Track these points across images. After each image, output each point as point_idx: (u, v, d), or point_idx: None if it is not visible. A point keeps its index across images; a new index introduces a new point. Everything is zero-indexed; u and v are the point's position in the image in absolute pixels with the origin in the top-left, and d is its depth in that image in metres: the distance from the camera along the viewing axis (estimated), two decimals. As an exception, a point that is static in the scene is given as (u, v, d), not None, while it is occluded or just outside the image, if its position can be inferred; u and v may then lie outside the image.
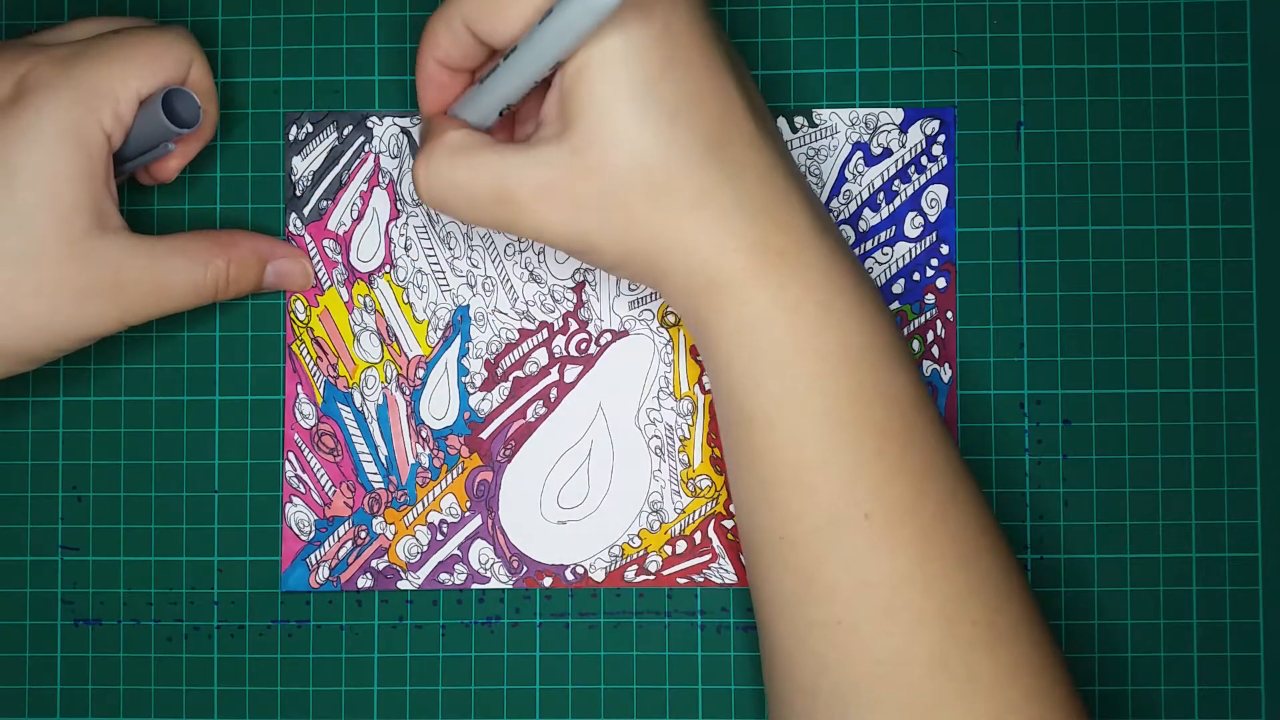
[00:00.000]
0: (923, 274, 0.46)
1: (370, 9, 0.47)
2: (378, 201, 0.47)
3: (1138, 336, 0.46)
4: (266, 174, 0.47)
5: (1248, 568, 0.46)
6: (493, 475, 0.46)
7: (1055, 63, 0.46)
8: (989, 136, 0.46)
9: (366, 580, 0.46)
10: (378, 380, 0.46)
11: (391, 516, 0.46)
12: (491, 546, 0.46)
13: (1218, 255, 0.46)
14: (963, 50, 0.47)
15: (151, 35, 0.41)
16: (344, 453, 0.46)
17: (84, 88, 0.39)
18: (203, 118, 0.43)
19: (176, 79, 0.41)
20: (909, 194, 0.46)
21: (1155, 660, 0.45)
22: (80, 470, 0.46)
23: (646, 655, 0.46)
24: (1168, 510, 0.46)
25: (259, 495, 0.46)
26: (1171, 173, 0.46)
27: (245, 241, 0.44)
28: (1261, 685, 0.45)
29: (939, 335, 0.46)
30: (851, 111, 0.46)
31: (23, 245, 0.39)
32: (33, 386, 0.46)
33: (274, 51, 0.47)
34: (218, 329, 0.46)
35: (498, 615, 0.46)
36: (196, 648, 0.46)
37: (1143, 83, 0.46)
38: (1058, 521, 0.46)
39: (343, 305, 0.46)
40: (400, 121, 0.47)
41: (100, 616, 0.46)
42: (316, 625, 0.46)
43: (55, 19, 0.47)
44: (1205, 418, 0.46)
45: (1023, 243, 0.46)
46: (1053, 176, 0.46)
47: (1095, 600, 0.46)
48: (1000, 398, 0.46)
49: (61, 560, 0.46)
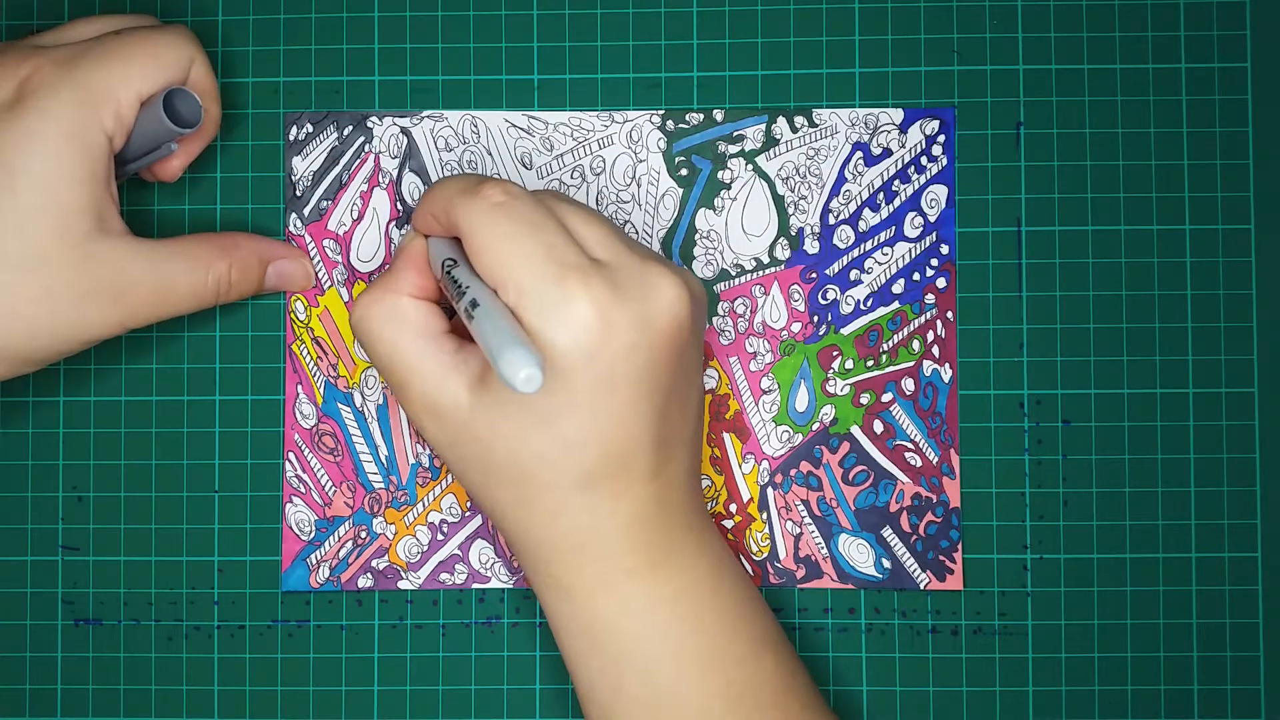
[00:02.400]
0: (923, 274, 0.46)
1: (370, 9, 0.47)
2: (378, 201, 0.47)
3: (1137, 336, 0.46)
4: (267, 174, 0.47)
5: (1247, 568, 0.46)
6: (493, 475, 0.46)
7: (1055, 63, 0.46)
8: (989, 136, 0.46)
9: (367, 580, 0.46)
10: (378, 380, 0.46)
11: (392, 516, 0.46)
12: (492, 546, 0.46)
13: (1217, 255, 0.46)
14: (963, 50, 0.47)
15: (152, 35, 0.41)
16: (344, 453, 0.46)
17: (86, 89, 0.39)
18: (204, 117, 0.43)
19: (178, 79, 0.41)
20: (909, 194, 0.46)
21: (1155, 660, 0.46)
22: (81, 470, 0.46)
23: (646, 655, 0.46)
24: (1168, 510, 0.46)
25: (259, 495, 0.46)
26: (1171, 173, 0.46)
27: (246, 244, 0.44)
28: (1261, 685, 0.45)
29: (939, 335, 0.46)
30: (851, 111, 0.46)
31: (24, 248, 0.39)
32: (33, 387, 0.46)
33: (274, 51, 0.47)
34: (218, 329, 0.46)
35: (498, 615, 0.46)
36: (197, 648, 0.46)
37: (1143, 83, 0.46)
38: (1058, 521, 0.46)
39: (343, 305, 0.46)
40: (400, 121, 0.47)
41: (101, 616, 0.46)
42: (317, 625, 0.46)
43: (55, 19, 0.47)
44: (1205, 418, 0.46)
45: (1022, 243, 0.46)
46: (1052, 176, 0.46)
47: (1095, 600, 0.46)
48: (1000, 398, 0.46)
49: (62, 560, 0.46)
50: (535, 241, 0.36)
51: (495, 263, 0.36)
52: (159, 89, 0.41)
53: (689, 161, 0.46)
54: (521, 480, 0.37)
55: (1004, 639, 0.46)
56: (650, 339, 0.36)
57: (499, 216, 0.36)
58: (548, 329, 0.35)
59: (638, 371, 0.36)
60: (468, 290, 0.36)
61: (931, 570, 0.46)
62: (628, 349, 0.36)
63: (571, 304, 0.35)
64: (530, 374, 0.32)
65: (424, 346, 0.38)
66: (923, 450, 0.46)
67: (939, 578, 0.46)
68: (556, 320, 0.35)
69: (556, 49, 0.47)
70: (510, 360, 0.32)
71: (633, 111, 0.46)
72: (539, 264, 0.36)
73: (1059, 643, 0.46)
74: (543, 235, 0.36)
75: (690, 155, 0.46)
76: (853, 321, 0.46)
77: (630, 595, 0.38)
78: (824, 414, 0.46)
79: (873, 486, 0.46)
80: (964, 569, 0.46)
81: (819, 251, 0.46)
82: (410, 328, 0.38)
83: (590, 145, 0.46)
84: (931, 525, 0.46)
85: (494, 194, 0.37)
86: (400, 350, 0.38)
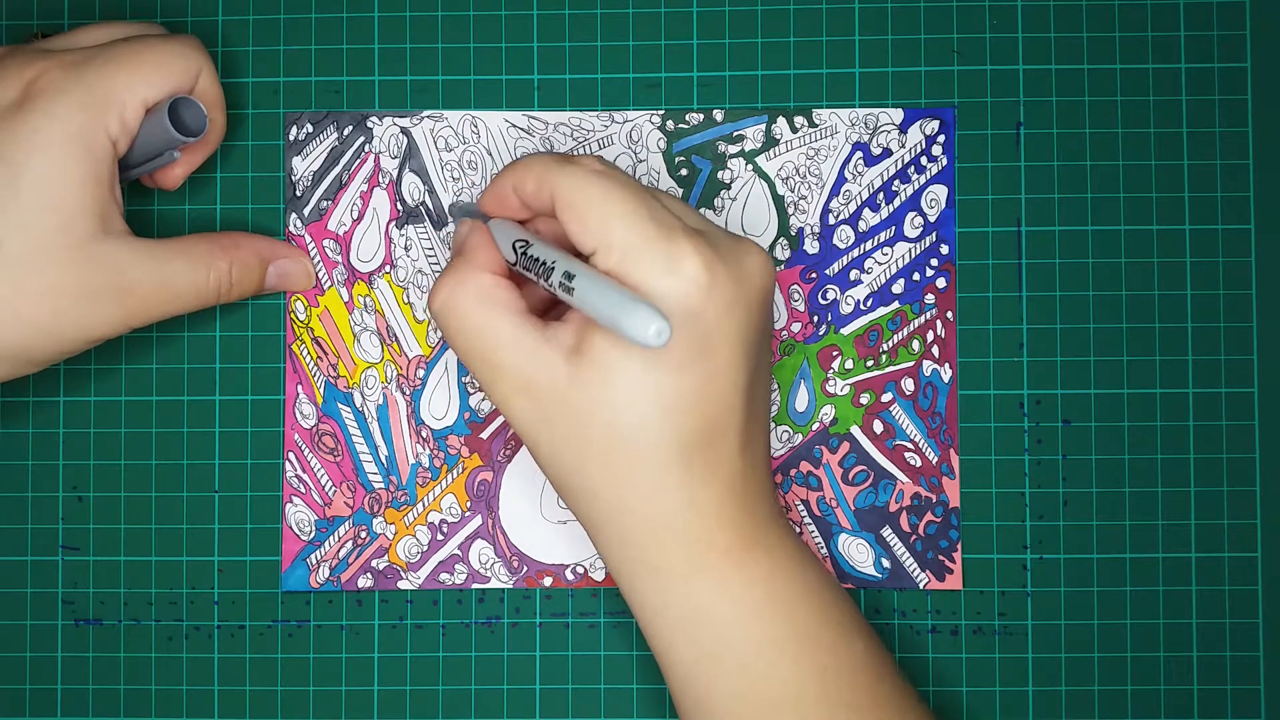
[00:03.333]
0: (923, 274, 0.46)
1: (370, 9, 0.47)
2: (378, 202, 0.47)
3: (1137, 336, 0.46)
4: (267, 174, 0.47)
5: (1247, 568, 0.46)
6: (493, 475, 0.46)
7: (1055, 63, 0.46)
8: (989, 137, 0.46)
9: (367, 580, 0.46)
10: (378, 380, 0.46)
11: (392, 516, 0.46)
12: (492, 546, 0.46)
13: (1217, 255, 0.46)
14: (963, 50, 0.47)
15: (161, 44, 0.41)
16: (344, 453, 0.46)
17: (92, 93, 0.39)
18: (209, 127, 0.43)
19: (184, 88, 0.42)
20: (909, 194, 0.46)
21: (1155, 660, 0.46)
22: (81, 470, 0.46)
23: (646, 655, 0.46)
24: (1167, 510, 0.46)
25: (259, 495, 0.46)
26: (1171, 173, 0.46)
27: (247, 243, 0.44)
28: (1261, 685, 0.45)
29: (939, 335, 0.46)
30: (851, 111, 0.46)
31: (26, 247, 0.39)
32: (33, 386, 0.46)
33: (274, 51, 0.47)
34: (218, 329, 0.46)
35: (498, 615, 0.46)
36: (197, 648, 0.46)
37: (1142, 83, 0.46)
38: (1058, 521, 0.46)
39: (343, 305, 0.46)
40: (400, 121, 0.47)
41: (101, 616, 0.46)
42: (316, 625, 0.46)
43: (55, 19, 0.47)
44: (1205, 418, 0.46)
45: (1022, 243, 0.46)
46: (1052, 176, 0.46)
47: (1095, 600, 0.46)
48: (1000, 398, 0.46)
49: (62, 560, 0.46)
50: (640, 203, 0.37)
51: (600, 224, 0.36)
52: (165, 97, 0.41)
53: (689, 161, 0.46)
54: (619, 453, 0.37)
55: (1004, 639, 0.46)
56: (746, 300, 0.37)
57: (604, 181, 0.37)
58: (660, 284, 0.36)
59: (736, 331, 0.37)
60: (555, 264, 0.37)
61: (931, 570, 0.46)
62: (728, 306, 0.37)
63: (681, 260, 0.36)
64: (660, 326, 0.33)
65: (518, 322, 0.38)
66: (922, 450, 0.46)
67: (938, 578, 0.46)
68: (668, 275, 0.36)
69: (556, 49, 0.47)
70: (637, 317, 0.33)
71: (633, 111, 0.46)
72: (647, 223, 0.36)
73: (1059, 643, 0.46)
74: (645, 199, 0.37)
75: (690, 155, 0.46)
76: (853, 321, 0.46)
77: (726, 577, 0.38)
78: (824, 414, 0.46)
79: (872, 486, 0.46)
80: (964, 569, 0.46)
81: (819, 251, 0.46)
82: (501, 305, 0.38)
83: (590, 145, 0.46)
84: (931, 525, 0.46)
85: (593, 164, 0.38)
86: (493, 329, 0.38)
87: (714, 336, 0.36)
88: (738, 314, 0.37)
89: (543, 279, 0.37)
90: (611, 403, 0.37)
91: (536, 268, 0.38)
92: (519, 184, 0.39)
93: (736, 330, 0.37)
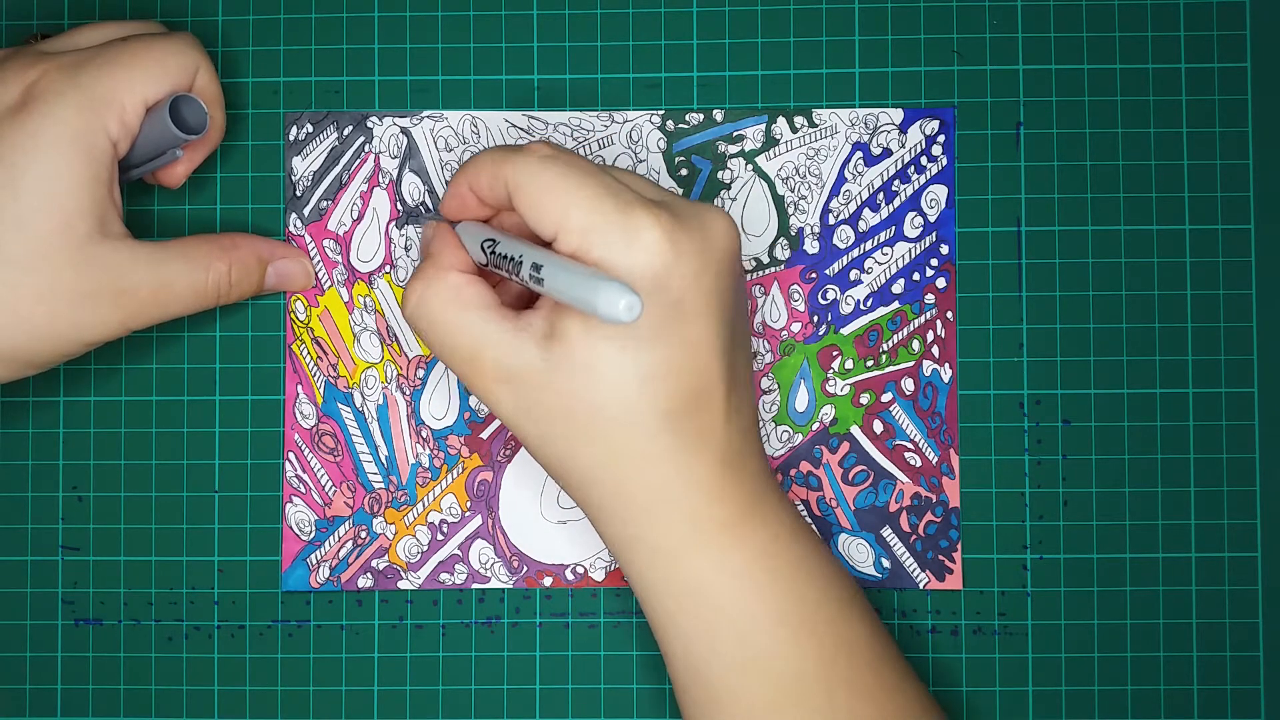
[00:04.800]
0: (923, 274, 0.46)
1: (370, 9, 0.47)
2: (378, 202, 0.47)
3: (1137, 336, 0.46)
4: (267, 174, 0.47)
5: (1247, 568, 0.46)
6: (493, 475, 0.46)
7: (1055, 63, 0.46)
8: (989, 137, 0.46)
9: (367, 580, 0.46)
10: (378, 380, 0.46)
11: (392, 516, 0.46)
12: (491, 546, 0.46)
13: (1217, 255, 0.46)
14: (963, 50, 0.47)
15: (159, 43, 0.41)
16: (344, 453, 0.46)
17: (91, 95, 0.39)
18: (209, 124, 0.43)
19: (183, 86, 0.42)
20: (909, 194, 0.46)
21: (1155, 660, 0.46)
22: (81, 470, 0.46)
23: (646, 655, 0.46)
24: (1167, 510, 0.46)
25: (259, 495, 0.46)
26: (1171, 173, 0.46)
27: (246, 244, 0.44)
28: (1261, 685, 0.45)
29: (939, 335, 0.46)
30: (851, 111, 0.46)
31: (26, 249, 0.39)
32: (33, 387, 0.46)
33: (274, 51, 0.47)
34: (218, 329, 0.46)
35: (498, 615, 0.46)
36: (196, 648, 0.46)
37: (1142, 83, 0.46)
38: (1058, 521, 0.46)
39: (343, 305, 0.46)
40: (400, 121, 0.47)
41: (100, 616, 0.46)
42: (317, 625, 0.46)
43: (55, 19, 0.47)
44: (1205, 418, 0.46)
45: (1022, 243, 0.46)
46: (1052, 177, 0.46)
47: (1095, 600, 0.46)
48: (1000, 398, 0.46)
49: (62, 560, 0.46)
50: (594, 181, 0.37)
51: (556, 208, 0.37)
52: (165, 95, 0.41)
53: (689, 162, 0.46)
54: (607, 430, 0.37)
55: (1004, 639, 0.46)
56: (714, 265, 0.37)
57: (555, 165, 0.37)
58: (622, 259, 0.36)
59: (705, 297, 0.37)
60: (522, 257, 0.37)
61: (931, 570, 0.46)
62: (695, 273, 0.37)
63: (640, 233, 0.36)
64: (630, 301, 0.33)
65: (489, 316, 0.38)
66: (922, 450, 0.46)
67: (938, 577, 0.46)
68: (629, 250, 0.36)
69: (556, 49, 0.47)
70: (606, 296, 0.33)
71: (633, 111, 0.46)
72: (603, 200, 0.36)
73: (1059, 643, 0.46)
74: (599, 176, 0.37)
75: (690, 155, 0.46)
76: (853, 321, 0.46)
77: (725, 550, 0.38)
78: (824, 414, 0.46)
79: (872, 486, 0.46)
80: (964, 569, 0.46)
81: (819, 251, 0.46)
82: (471, 301, 0.39)
83: (590, 145, 0.46)
84: (931, 525, 0.46)
85: (542, 149, 0.38)
86: (466, 325, 0.38)
87: (685, 304, 0.37)
88: (706, 280, 0.37)
89: (514, 274, 0.37)
90: (591, 382, 0.37)
91: (506, 264, 0.38)
92: (473, 182, 0.39)
93: (707, 296, 0.37)
